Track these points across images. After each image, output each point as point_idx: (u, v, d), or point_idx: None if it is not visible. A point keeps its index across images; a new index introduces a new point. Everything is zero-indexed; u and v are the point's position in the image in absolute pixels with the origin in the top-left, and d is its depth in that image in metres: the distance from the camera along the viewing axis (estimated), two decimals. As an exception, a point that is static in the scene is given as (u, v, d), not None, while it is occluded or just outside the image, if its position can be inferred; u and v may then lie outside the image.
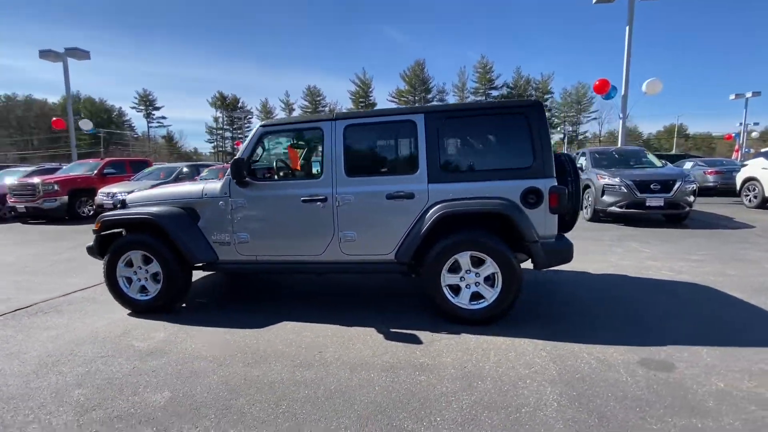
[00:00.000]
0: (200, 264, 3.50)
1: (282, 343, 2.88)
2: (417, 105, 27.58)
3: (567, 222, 3.47)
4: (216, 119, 68.04)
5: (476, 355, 2.60)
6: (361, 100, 61.73)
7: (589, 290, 3.96)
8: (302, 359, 2.62)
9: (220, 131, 69.52)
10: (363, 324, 3.18)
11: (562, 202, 3.02)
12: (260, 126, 3.53)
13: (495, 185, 3.08)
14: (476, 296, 3.10)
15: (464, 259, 3.06)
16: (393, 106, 51.03)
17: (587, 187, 8.36)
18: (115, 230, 3.69)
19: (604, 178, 7.91)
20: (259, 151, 3.57)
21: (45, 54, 15.12)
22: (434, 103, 55.15)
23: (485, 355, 2.61)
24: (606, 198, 7.79)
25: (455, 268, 3.10)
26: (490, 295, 3.06)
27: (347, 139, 3.32)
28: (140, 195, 3.91)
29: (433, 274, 3.08)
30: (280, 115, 68.38)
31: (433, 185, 3.16)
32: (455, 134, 3.35)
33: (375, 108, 28.56)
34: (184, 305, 3.74)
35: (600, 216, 8.12)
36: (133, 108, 67.70)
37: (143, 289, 3.54)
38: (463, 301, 3.11)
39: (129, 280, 3.56)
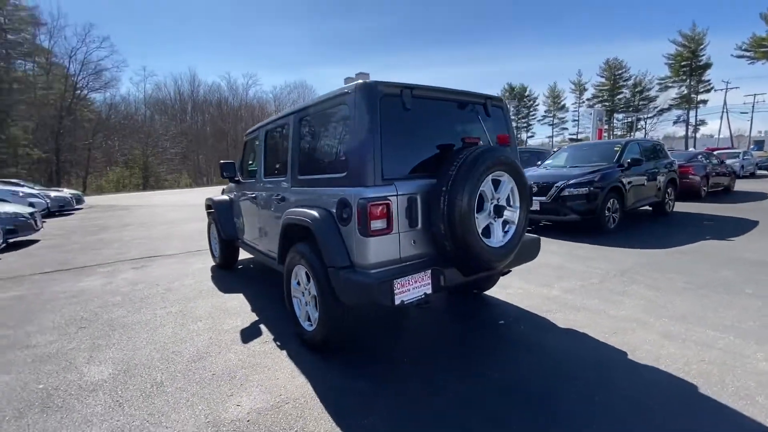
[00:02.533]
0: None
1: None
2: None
3: (458, 257, 2.31)
4: (504, 110, 70.48)
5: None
6: (684, 64, 46.51)
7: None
8: (182, 318, 3.46)
9: (507, 122, 71.54)
10: (260, 311, 3.56)
11: (375, 221, 2.17)
12: (244, 135, 4.41)
13: (325, 192, 2.59)
14: (310, 316, 2.78)
15: (301, 272, 2.80)
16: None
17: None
18: None
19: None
20: (251, 154, 4.43)
21: (347, 80, 21.42)
22: None
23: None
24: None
25: (300, 282, 2.89)
26: (314, 317, 2.68)
27: (266, 141, 3.65)
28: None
29: (287, 284, 3.00)
30: (568, 98, 62.57)
31: (292, 189, 3.02)
32: (308, 134, 2.97)
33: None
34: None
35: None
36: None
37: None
38: (302, 318, 2.86)
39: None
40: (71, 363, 2.71)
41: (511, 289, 3.89)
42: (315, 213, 2.49)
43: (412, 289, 2.22)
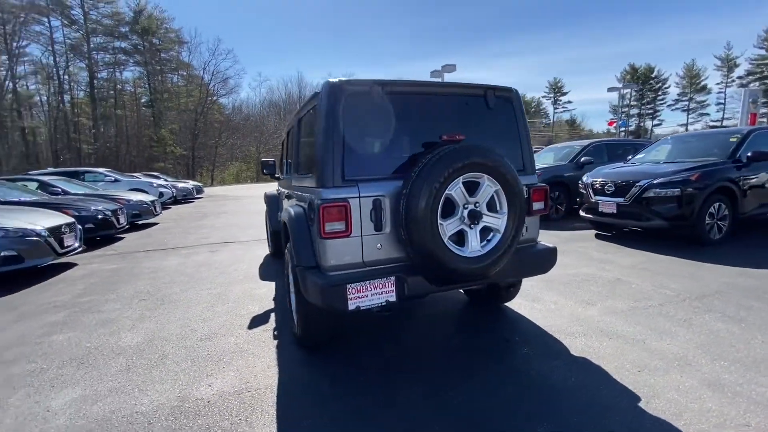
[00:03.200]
0: None
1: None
2: None
3: (422, 265, 2.14)
4: (622, 96, 61.62)
5: (233, 352, 2.75)
6: None
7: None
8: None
9: (626, 108, 62.41)
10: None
11: (330, 224, 2.11)
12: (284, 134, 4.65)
13: (304, 192, 2.64)
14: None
15: (289, 269, 2.90)
16: None
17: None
18: None
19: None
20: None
21: (433, 73, 21.08)
22: None
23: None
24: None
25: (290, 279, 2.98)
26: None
27: (287, 141, 3.82)
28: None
29: (285, 280, 3.18)
30: (710, 77, 51.70)
31: (293, 186, 3.16)
32: (302, 135, 3.04)
33: None
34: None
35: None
36: (543, 97, 74.65)
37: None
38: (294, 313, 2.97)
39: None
40: (118, 329, 3.26)
41: (542, 303, 3.43)
42: (292, 212, 2.55)
43: (371, 295, 2.12)
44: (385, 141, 2.32)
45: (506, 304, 3.41)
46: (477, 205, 2.18)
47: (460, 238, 2.19)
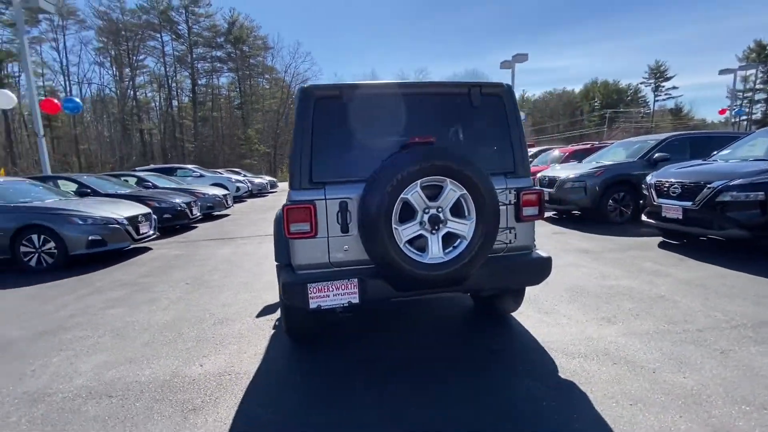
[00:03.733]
0: None
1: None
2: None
3: (380, 269, 2.15)
4: (745, 78, 51.90)
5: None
6: None
7: None
8: (241, 288, 4.24)
9: (749, 93, 52.57)
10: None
11: (295, 224, 2.17)
12: None
13: None
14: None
15: None
16: None
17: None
18: None
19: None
20: None
21: (503, 64, 20.02)
22: None
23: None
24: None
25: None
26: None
27: None
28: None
29: None
30: None
31: None
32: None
33: None
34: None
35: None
36: (642, 83, 66.29)
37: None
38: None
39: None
40: (156, 309, 3.76)
41: (554, 315, 3.15)
42: (278, 212, 2.68)
43: (333, 295, 2.17)
44: (358, 144, 2.33)
45: (513, 314, 3.18)
46: (439, 210, 2.09)
47: (422, 243, 2.12)
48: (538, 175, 8.29)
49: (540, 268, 2.43)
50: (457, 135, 2.39)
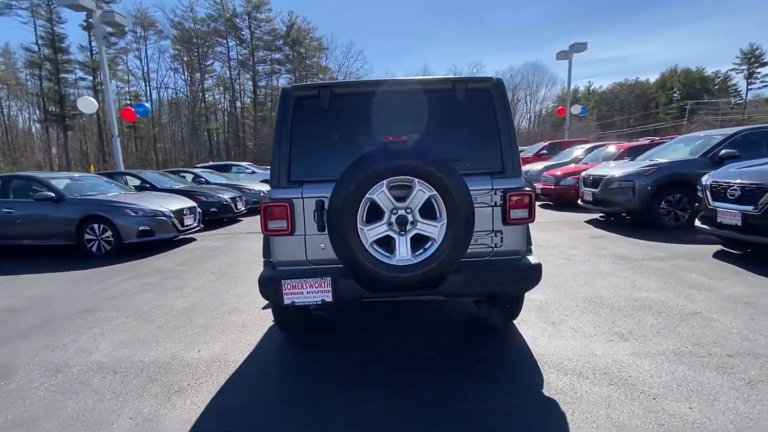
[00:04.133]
0: None
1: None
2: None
3: (348, 268, 2.16)
4: None
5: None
6: None
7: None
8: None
9: None
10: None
11: (272, 222, 2.25)
12: None
13: None
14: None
15: None
16: None
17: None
18: None
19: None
20: None
21: (559, 55, 18.78)
22: None
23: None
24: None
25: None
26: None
27: None
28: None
29: None
30: None
31: None
32: None
33: None
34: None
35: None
36: (732, 70, 58.62)
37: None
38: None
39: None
40: (180, 295, 4.07)
41: (559, 327, 2.92)
42: None
43: (307, 293, 2.20)
44: (337, 143, 2.34)
45: (515, 321, 3.00)
46: (408, 211, 2.03)
47: (391, 245, 2.08)
48: (583, 173, 7.70)
49: (525, 276, 2.26)
50: (442, 133, 2.30)
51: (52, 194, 6.23)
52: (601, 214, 7.72)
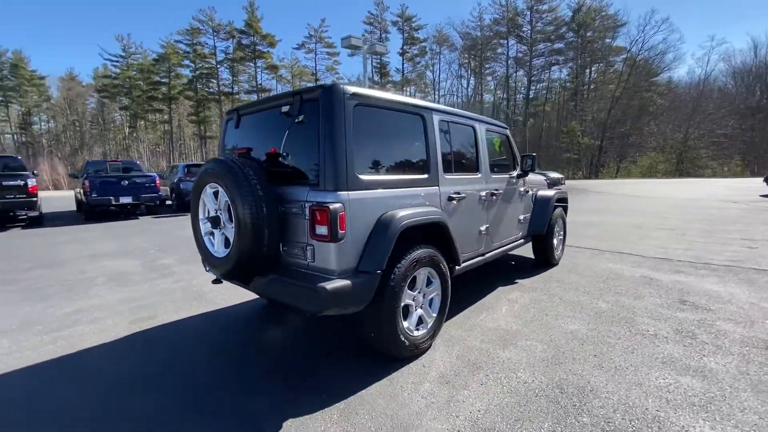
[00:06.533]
0: None
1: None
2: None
3: None
4: None
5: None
6: None
7: None
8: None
9: None
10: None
11: None
12: None
13: None
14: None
15: None
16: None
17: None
18: None
19: None
20: None
21: None
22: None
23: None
24: None
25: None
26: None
27: None
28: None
29: None
30: None
31: None
32: None
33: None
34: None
35: None
36: None
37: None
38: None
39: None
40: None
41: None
42: None
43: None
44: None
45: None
46: (218, 211, 2.42)
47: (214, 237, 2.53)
48: None
49: (310, 297, 2.07)
50: (288, 145, 2.43)
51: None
52: None
